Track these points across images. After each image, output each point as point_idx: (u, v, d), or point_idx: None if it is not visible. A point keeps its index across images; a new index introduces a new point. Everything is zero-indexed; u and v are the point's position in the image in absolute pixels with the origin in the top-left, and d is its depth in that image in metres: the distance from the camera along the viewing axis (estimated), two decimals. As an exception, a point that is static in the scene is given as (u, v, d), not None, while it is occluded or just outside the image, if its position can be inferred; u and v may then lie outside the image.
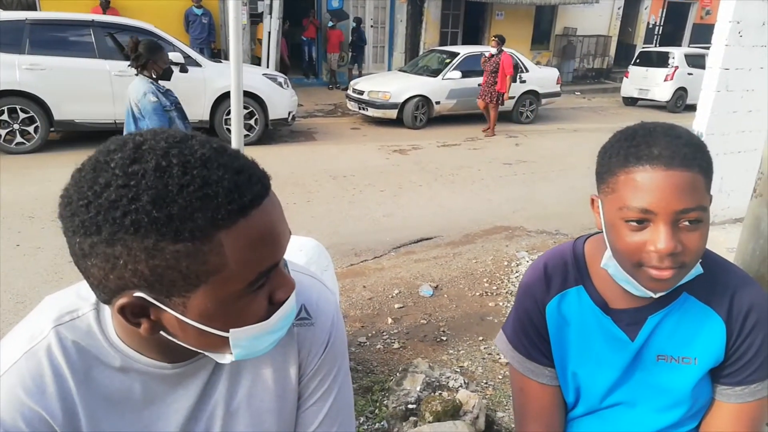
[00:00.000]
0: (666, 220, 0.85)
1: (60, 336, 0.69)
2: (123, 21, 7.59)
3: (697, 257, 0.89)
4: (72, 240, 0.59)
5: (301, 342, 0.83)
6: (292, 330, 0.81)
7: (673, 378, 1.00)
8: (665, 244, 0.85)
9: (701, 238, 0.88)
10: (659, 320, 0.99)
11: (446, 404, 2.27)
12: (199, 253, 0.58)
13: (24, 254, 3.98)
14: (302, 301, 0.83)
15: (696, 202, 0.85)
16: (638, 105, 13.61)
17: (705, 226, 0.88)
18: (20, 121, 6.61)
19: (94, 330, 0.70)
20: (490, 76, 9.24)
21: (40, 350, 0.68)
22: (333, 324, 0.86)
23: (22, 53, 6.48)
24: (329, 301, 0.87)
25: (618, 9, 18.10)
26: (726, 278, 0.99)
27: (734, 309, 0.97)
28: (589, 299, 1.03)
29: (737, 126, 4.34)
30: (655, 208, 0.85)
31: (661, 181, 0.84)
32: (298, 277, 0.84)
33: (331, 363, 0.86)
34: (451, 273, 4.02)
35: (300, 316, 0.82)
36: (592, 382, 1.05)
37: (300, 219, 5.16)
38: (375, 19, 14.70)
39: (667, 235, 0.85)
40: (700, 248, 0.88)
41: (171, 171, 0.57)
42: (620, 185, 0.88)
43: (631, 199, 0.87)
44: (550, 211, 5.64)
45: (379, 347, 3.02)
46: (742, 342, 0.96)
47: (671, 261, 0.86)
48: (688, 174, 0.84)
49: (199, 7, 11.28)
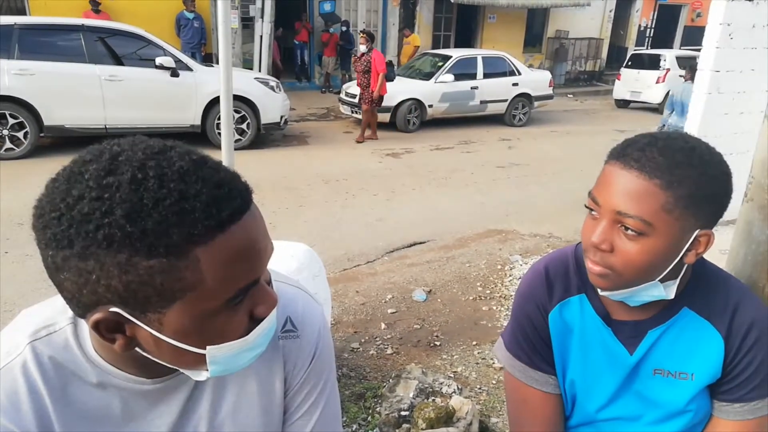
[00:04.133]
0: (606, 216, 0.87)
1: (36, 351, 0.67)
2: (113, 25, 7.55)
3: (632, 270, 0.86)
4: (45, 253, 0.58)
5: (287, 355, 0.81)
6: (277, 343, 0.80)
7: (669, 393, 0.98)
8: (595, 237, 0.87)
9: (639, 252, 0.84)
10: (659, 335, 0.97)
11: (439, 411, 2.24)
12: (174, 269, 0.56)
13: (12, 261, 3.93)
14: (287, 313, 0.81)
15: (638, 211, 0.82)
16: (630, 107, 13.67)
17: (649, 242, 0.84)
18: (9, 126, 6.54)
19: (71, 344, 0.68)
20: (363, 77, 8.63)
21: (15, 367, 0.66)
22: (319, 335, 0.84)
23: (11, 58, 6.42)
24: (315, 313, 0.85)
25: (609, 12, 18.20)
26: (726, 292, 0.97)
27: (734, 325, 0.95)
28: (591, 309, 1.01)
29: (729, 128, 4.35)
30: (601, 202, 0.88)
31: (615, 178, 0.86)
32: (283, 288, 0.83)
33: (317, 375, 0.84)
34: (444, 277, 4.01)
35: (285, 328, 0.81)
36: (589, 392, 1.03)
37: (292, 224, 5.13)
38: (367, 23, 14.69)
39: (600, 229, 0.87)
40: (633, 261, 0.85)
41: (147, 184, 0.55)
42: (599, 175, 0.92)
43: (594, 188, 0.91)
44: (543, 214, 5.64)
45: (372, 353, 3.00)
46: (741, 359, 0.94)
47: (600, 257, 0.88)
48: (642, 182, 0.83)
49: (191, 11, 11.24)
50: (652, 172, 0.83)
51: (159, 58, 7.08)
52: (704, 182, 0.84)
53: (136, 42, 7.16)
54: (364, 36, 8.75)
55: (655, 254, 0.85)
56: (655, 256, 0.85)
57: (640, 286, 0.89)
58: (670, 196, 0.82)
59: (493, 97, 10.45)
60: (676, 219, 0.83)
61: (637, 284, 0.89)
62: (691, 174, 0.83)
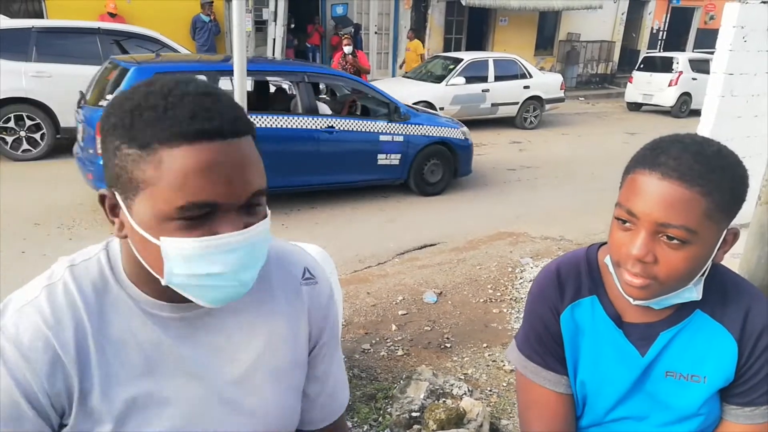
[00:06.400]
0: (645, 227, 0.85)
1: (74, 275, 0.74)
2: (129, 28, 7.64)
3: (676, 278, 0.87)
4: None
5: (310, 300, 0.88)
6: (300, 289, 0.87)
7: (681, 395, 0.98)
8: (636, 250, 0.85)
9: (683, 260, 0.85)
10: (671, 337, 0.97)
11: (450, 412, 2.26)
12: (141, 160, 0.64)
13: (29, 261, 3.99)
14: (304, 263, 0.90)
15: (682, 220, 0.82)
16: (642, 110, 13.58)
17: (692, 250, 0.84)
18: (26, 128, 6.65)
19: (105, 269, 0.75)
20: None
21: (59, 286, 0.73)
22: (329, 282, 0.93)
23: (29, 61, 6.53)
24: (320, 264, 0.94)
25: (622, 14, 18.10)
26: (740, 296, 0.97)
27: (747, 328, 0.95)
28: (602, 311, 1.01)
29: (742, 131, 4.33)
30: (639, 214, 0.85)
31: (652, 188, 0.84)
32: (291, 246, 0.92)
33: (333, 320, 0.93)
34: (455, 279, 4.01)
35: (305, 276, 0.89)
36: (599, 394, 1.04)
37: (304, 225, 5.16)
38: (379, 26, 14.74)
39: (641, 241, 0.85)
40: (678, 269, 0.85)
41: (156, 93, 0.66)
42: (625, 184, 0.90)
43: (624, 199, 0.88)
44: (554, 216, 5.63)
45: (383, 354, 3.01)
46: (754, 362, 0.94)
47: (641, 269, 0.86)
48: (684, 190, 0.82)
49: (207, 15, 11.34)
50: (693, 180, 0.82)
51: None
52: (736, 184, 0.85)
53: (152, 45, 7.25)
54: (348, 36, 8.89)
55: (697, 260, 0.86)
56: (697, 262, 0.86)
57: (677, 291, 0.90)
58: (710, 202, 0.83)
59: (505, 100, 10.44)
60: (716, 223, 0.84)
61: (675, 290, 0.90)
62: (725, 177, 0.84)
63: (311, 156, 5.49)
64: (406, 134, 5.98)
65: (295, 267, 0.88)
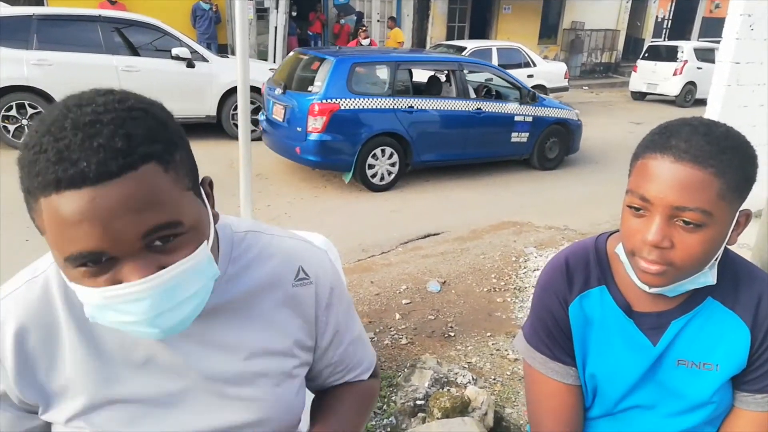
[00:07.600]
0: (660, 212, 0.83)
1: (58, 270, 0.74)
2: (130, 16, 7.59)
3: (693, 262, 0.85)
4: None
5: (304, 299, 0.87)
6: (290, 290, 0.85)
7: (693, 384, 0.98)
8: (653, 235, 0.83)
9: (700, 244, 0.84)
10: (683, 325, 0.97)
11: (455, 400, 2.26)
12: (33, 210, 0.61)
13: (33, 249, 3.99)
14: (299, 263, 0.87)
15: (697, 203, 0.81)
16: (647, 99, 13.51)
17: (708, 232, 0.83)
18: (28, 116, 6.63)
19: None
20: None
21: (40, 281, 0.75)
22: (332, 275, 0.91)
23: (30, 49, 6.49)
24: (322, 258, 0.91)
25: (626, 2, 17.95)
26: (752, 283, 0.96)
27: (760, 315, 0.94)
28: (612, 301, 1.00)
29: (749, 120, 4.29)
30: (653, 199, 0.83)
31: (665, 172, 0.82)
32: (287, 243, 0.88)
33: (338, 306, 0.92)
34: (458, 268, 4.01)
35: (298, 277, 0.86)
36: (610, 384, 1.03)
37: (307, 214, 5.16)
38: (381, 14, 14.63)
39: (657, 227, 0.83)
40: (695, 253, 0.84)
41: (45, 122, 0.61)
42: (635, 170, 0.88)
43: (635, 185, 0.87)
44: (558, 206, 5.61)
45: (386, 343, 3.02)
46: (766, 349, 0.94)
47: (658, 255, 0.85)
48: (697, 172, 0.81)
49: (207, 2, 11.27)
50: (705, 161, 0.81)
51: (175, 48, 7.12)
52: (747, 164, 0.85)
53: (153, 33, 7.21)
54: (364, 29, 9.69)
55: (713, 243, 0.85)
56: (712, 245, 0.85)
57: (693, 276, 0.89)
58: (723, 183, 0.82)
59: (508, 89, 10.43)
60: (729, 203, 0.83)
61: (691, 275, 0.88)
62: (736, 157, 0.83)
63: (463, 134, 6.43)
64: (535, 115, 6.80)
65: (287, 267, 0.86)
